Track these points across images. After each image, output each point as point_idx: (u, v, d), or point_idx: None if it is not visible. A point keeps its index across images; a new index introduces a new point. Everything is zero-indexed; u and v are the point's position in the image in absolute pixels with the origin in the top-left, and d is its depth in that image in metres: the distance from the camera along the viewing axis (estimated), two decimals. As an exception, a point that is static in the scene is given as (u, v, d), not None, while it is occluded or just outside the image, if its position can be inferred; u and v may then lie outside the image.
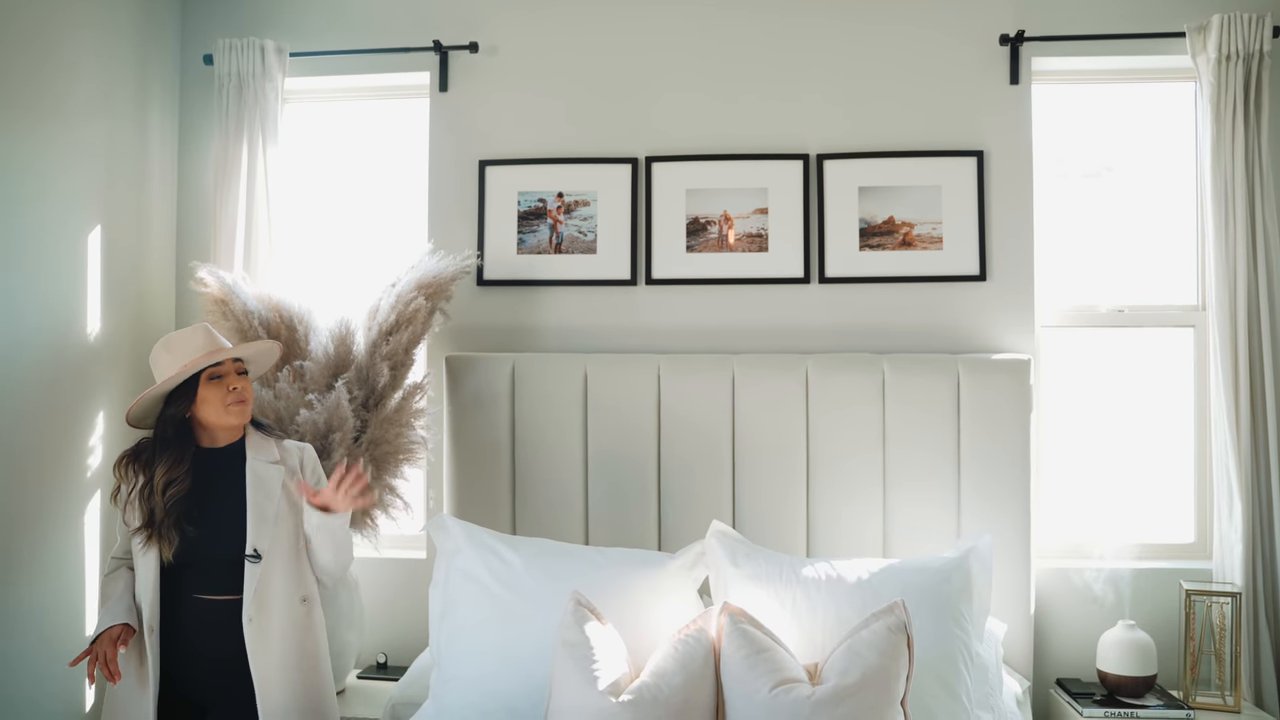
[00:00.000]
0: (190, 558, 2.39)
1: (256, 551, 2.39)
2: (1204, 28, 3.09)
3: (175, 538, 2.36)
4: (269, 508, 2.44)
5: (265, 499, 2.44)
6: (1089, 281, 3.37)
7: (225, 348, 2.48)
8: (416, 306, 3.02)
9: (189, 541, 2.38)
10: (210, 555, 2.40)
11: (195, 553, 2.39)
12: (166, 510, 2.38)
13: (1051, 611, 3.20)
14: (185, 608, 2.40)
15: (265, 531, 2.41)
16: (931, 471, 3.07)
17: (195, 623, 2.40)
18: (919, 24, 3.29)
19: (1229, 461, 3.04)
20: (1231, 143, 3.06)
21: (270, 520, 2.42)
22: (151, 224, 3.41)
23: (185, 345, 2.44)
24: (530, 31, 3.41)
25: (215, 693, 2.42)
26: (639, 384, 3.17)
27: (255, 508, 2.42)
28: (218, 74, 3.37)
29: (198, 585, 2.40)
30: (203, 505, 2.42)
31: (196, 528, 2.39)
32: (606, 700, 2.17)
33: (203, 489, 2.44)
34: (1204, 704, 2.93)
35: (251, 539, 2.40)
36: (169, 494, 2.39)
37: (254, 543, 2.40)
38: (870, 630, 2.24)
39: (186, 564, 2.39)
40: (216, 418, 2.45)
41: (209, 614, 2.39)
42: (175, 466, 2.41)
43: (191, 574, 2.40)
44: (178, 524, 2.37)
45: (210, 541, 2.40)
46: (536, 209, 3.38)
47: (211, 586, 2.40)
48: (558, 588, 2.53)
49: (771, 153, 3.32)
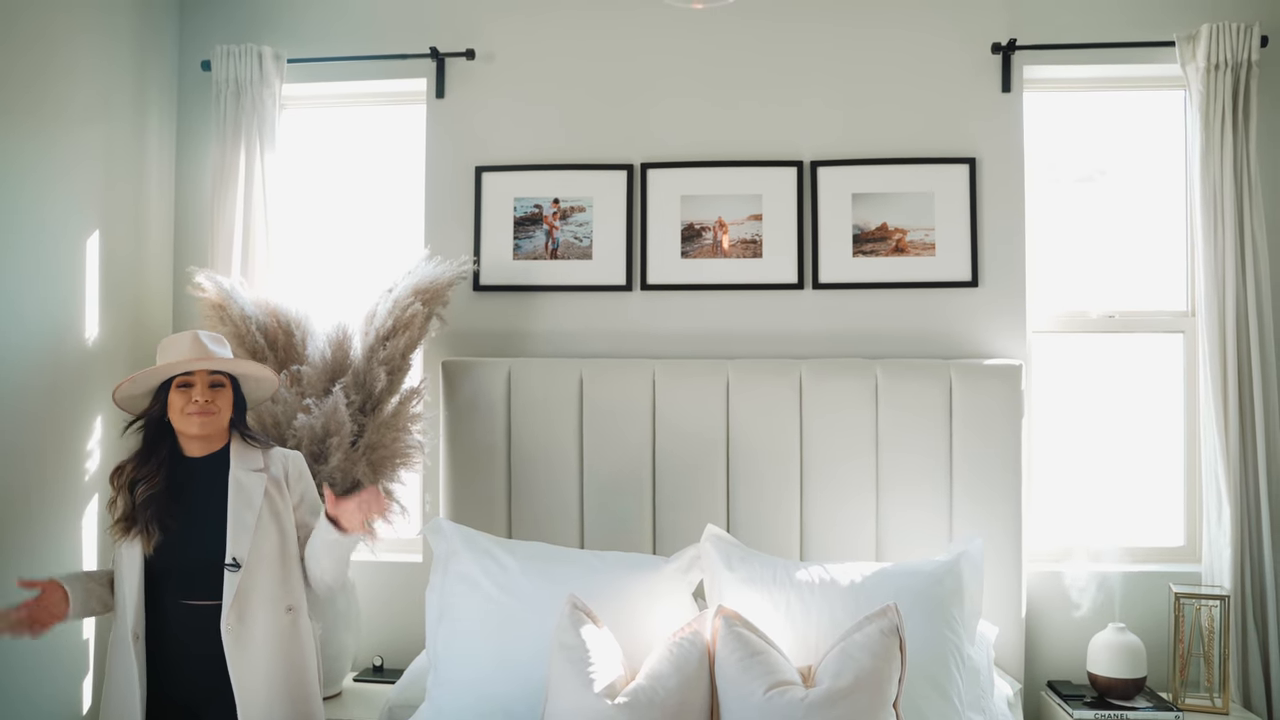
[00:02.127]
0: (171, 562, 2.40)
1: (235, 560, 2.38)
2: (1193, 37, 3.12)
3: (155, 532, 2.38)
4: (249, 516, 2.43)
5: (246, 507, 2.43)
6: (1080, 287, 3.40)
7: (201, 358, 2.44)
8: (413, 312, 3.04)
9: (170, 543, 2.39)
10: (191, 560, 2.40)
11: (176, 557, 2.40)
12: (137, 506, 2.40)
13: (1042, 614, 3.23)
14: (170, 612, 2.41)
15: (244, 540, 2.40)
16: (924, 475, 3.09)
17: (180, 627, 2.40)
18: (912, 32, 3.32)
19: (1218, 466, 3.07)
20: (1220, 150, 3.09)
21: (250, 529, 2.42)
22: (149, 229, 3.42)
23: (171, 348, 2.49)
24: (526, 38, 3.43)
25: (206, 695, 2.42)
26: (634, 389, 3.19)
27: (235, 516, 2.42)
28: (216, 80, 3.38)
29: (180, 590, 2.40)
30: (183, 510, 2.43)
31: (177, 530, 2.40)
32: (602, 703, 2.19)
33: (183, 494, 2.44)
34: (1193, 706, 2.95)
35: (231, 547, 2.39)
36: (138, 490, 2.41)
37: (233, 551, 2.39)
38: (863, 633, 2.26)
39: (168, 568, 2.40)
40: (178, 423, 2.46)
41: (192, 619, 2.39)
42: (144, 464, 2.45)
43: (173, 579, 2.41)
44: (158, 518, 2.39)
45: (190, 546, 2.40)
46: (532, 215, 3.40)
47: (194, 591, 2.40)
48: (554, 591, 2.55)
49: (766, 159, 3.34)
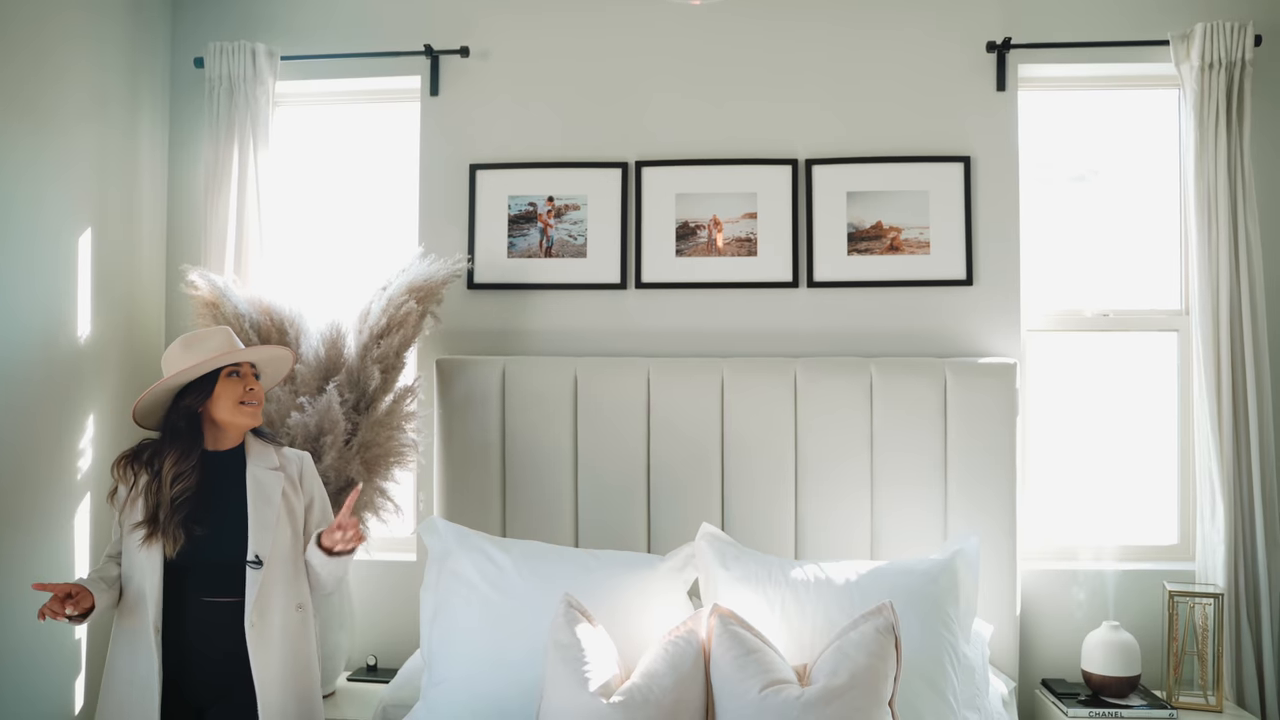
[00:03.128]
0: (191, 559, 2.39)
1: (258, 557, 2.39)
2: (1187, 36, 3.13)
3: (180, 536, 2.36)
4: (269, 514, 2.44)
5: (266, 505, 2.44)
6: (1074, 286, 3.40)
7: (245, 349, 2.51)
8: (407, 310, 3.04)
9: (193, 542, 2.38)
10: (211, 558, 2.40)
11: (196, 554, 2.39)
12: (174, 507, 2.37)
13: (1037, 613, 3.23)
14: (189, 609, 2.40)
15: (266, 538, 2.42)
16: (919, 474, 3.09)
17: (198, 624, 2.40)
18: (907, 31, 3.32)
19: (1211, 464, 3.08)
20: (1214, 149, 3.09)
21: (271, 526, 2.43)
22: (142, 227, 3.41)
23: (205, 343, 2.47)
24: (521, 36, 3.42)
25: (216, 694, 2.42)
26: (629, 387, 3.19)
27: (256, 513, 2.43)
28: (209, 77, 3.37)
29: (200, 587, 2.40)
30: (204, 507, 2.42)
31: (201, 528, 2.39)
32: (597, 702, 2.18)
33: (206, 490, 2.43)
34: (1187, 704, 2.96)
35: (253, 545, 2.40)
36: (176, 488, 2.38)
37: (255, 548, 2.40)
38: (858, 632, 2.26)
39: (187, 565, 2.39)
40: (229, 415, 2.46)
41: (212, 615, 2.40)
42: (184, 460, 2.41)
43: (193, 576, 2.40)
44: (184, 523, 2.37)
45: (211, 544, 2.40)
46: (527, 213, 3.39)
47: (213, 589, 2.40)
48: (548, 590, 2.55)
49: (761, 158, 3.34)
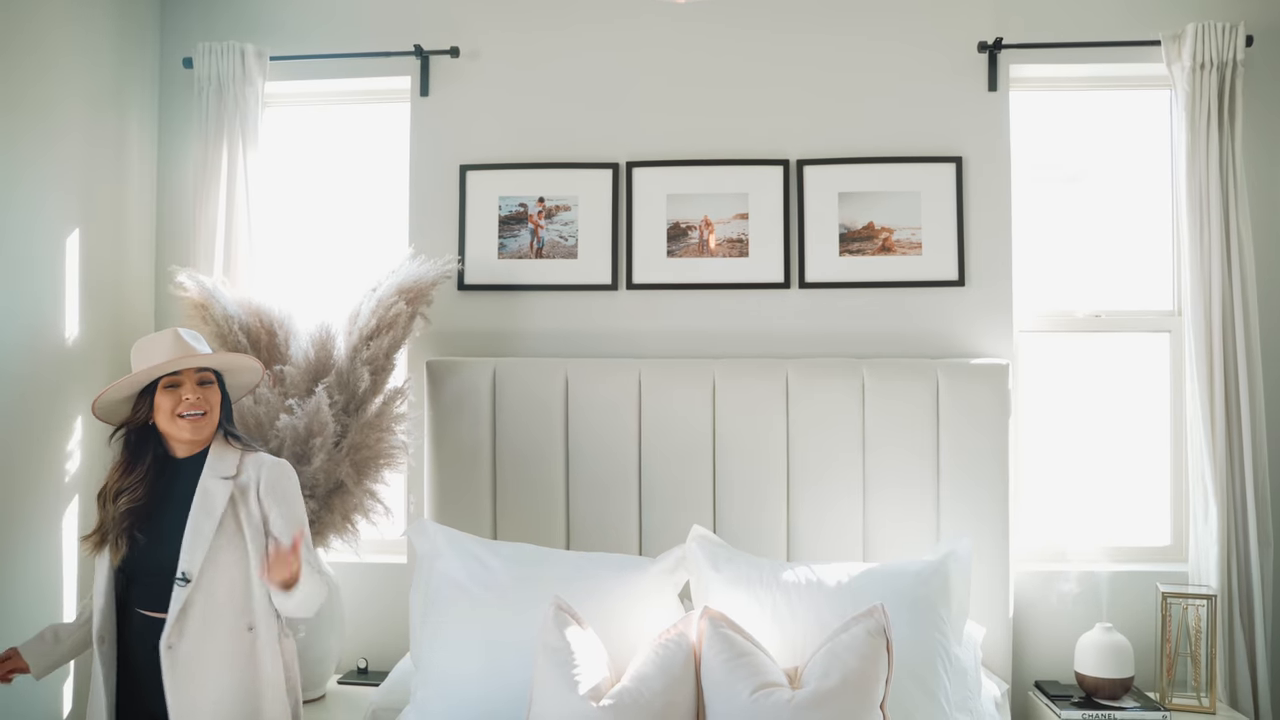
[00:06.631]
0: (135, 570, 2.32)
1: (185, 575, 2.25)
2: (1179, 36, 3.13)
3: (123, 545, 2.30)
4: (206, 526, 2.28)
5: (205, 517, 2.29)
6: (1066, 287, 3.40)
7: (188, 355, 2.35)
8: (397, 311, 3.02)
9: (136, 551, 2.30)
10: (150, 569, 2.30)
11: (136, 565, 2.31)
12: (116, 518, 2.31)
13: (1030, 614, 3.22)
14: (131, 622, 2.33)
15: (198, 553, 2.26)
16: (911, 475, 3.09)
17: (137, 638, 2.32)
18: (899, 31, 3.31)
19: (1204, 465, 3.07)
20: (1206, 150, 3.09)
21: (206, 540, 2.27)
22: (130, 227, 3.39)
23: (152, 349, 2.35)
24: (511, 36, 3.41)
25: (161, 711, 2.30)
26: (620, 388, 3.17)
27: (193, 526, 2.28)
28: (197, 77, 3.35)
29: (139, 599, 2.32)
30: (153, 516, 2.33)
31: (144, 537, 2.31)
32: (587, 705, 2.17)
33: (160, 499, 2.35)
34: (1180, 705, 2.95)
35: (183, 560, 2.25)
36: (120, 501, 2.32)
37: (185, 564, 2.25)
38: (850, 634, 2.25)
39: (132, 575, 2.33)
40: (167, 426, 2.34)
41: (148, 630, 2.29)
42: (127, 475, 2.35)
43: (136, 586, 2.33)
44: (129, 531, 2.30)
45: (152, 556, 2.30)
46: (517, 214, 3.38)
47: (150, 603, 2.30)
48: (538, 592, 2.53)
49: (752, 158, 3.33)
